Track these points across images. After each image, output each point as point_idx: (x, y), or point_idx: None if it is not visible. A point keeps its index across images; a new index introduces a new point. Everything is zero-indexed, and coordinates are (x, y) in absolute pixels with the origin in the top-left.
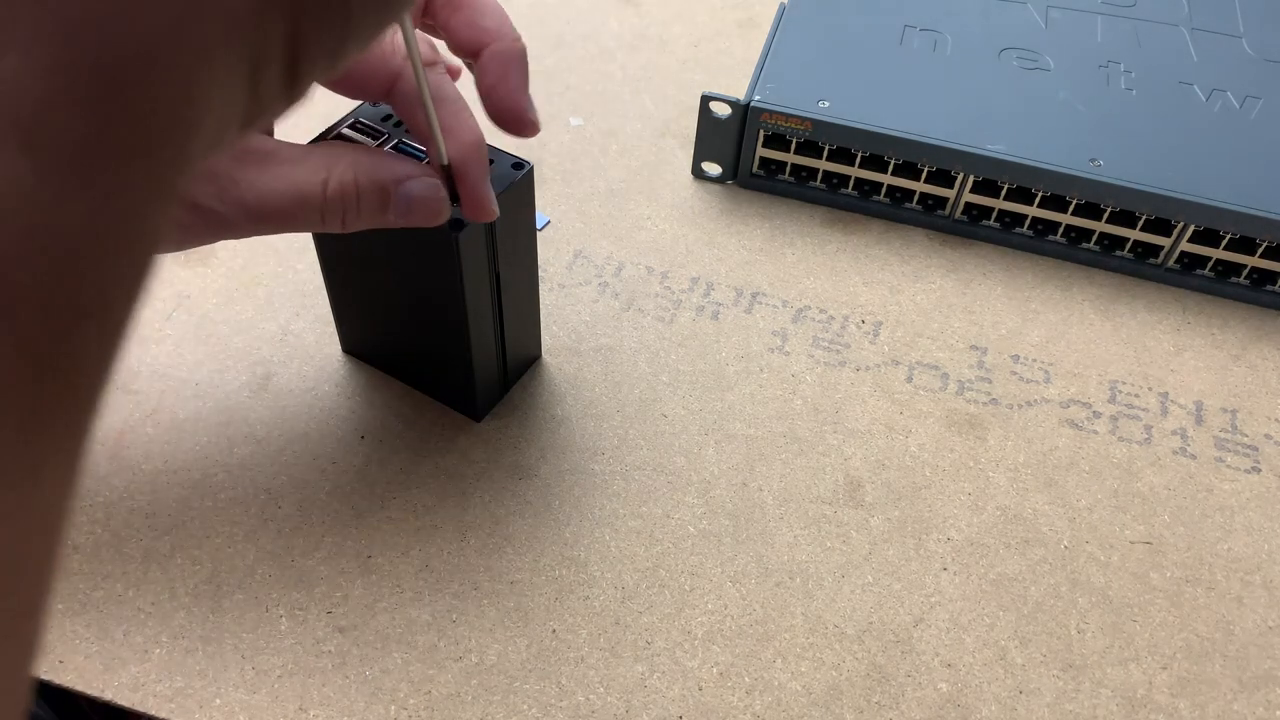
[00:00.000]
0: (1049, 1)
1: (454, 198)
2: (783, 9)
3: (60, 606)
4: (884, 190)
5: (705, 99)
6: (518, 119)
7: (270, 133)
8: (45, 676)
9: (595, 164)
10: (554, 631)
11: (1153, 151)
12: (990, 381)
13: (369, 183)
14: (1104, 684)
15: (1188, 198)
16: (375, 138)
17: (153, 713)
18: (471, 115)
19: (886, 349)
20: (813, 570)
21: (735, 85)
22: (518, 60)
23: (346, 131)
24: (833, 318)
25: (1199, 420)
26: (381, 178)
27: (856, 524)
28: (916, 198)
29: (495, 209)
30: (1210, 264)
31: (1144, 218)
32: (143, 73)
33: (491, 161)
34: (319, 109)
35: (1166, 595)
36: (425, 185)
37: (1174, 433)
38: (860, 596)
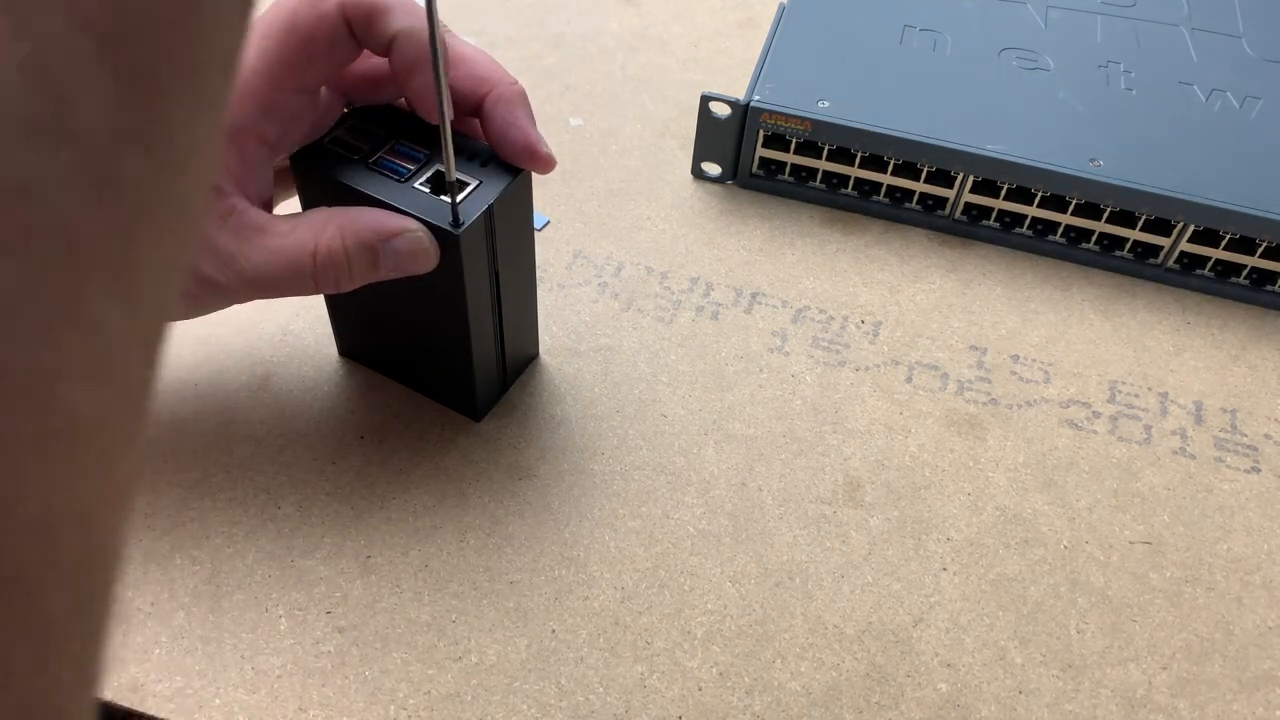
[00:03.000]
0: (1049, 1)
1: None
2: (783, 9)
3: None
4: (884, 190)
5: (705, 99)
6: (532, 154)
7: (269, 209)
8: None
9: (595, 164)
10: (554, 631)
11: (1153, 151)
12: (990, 381)
13: (357, 245)
14: (1104, 684)
15: (1188, 198)
16: (369, 141)
17: (152, 713)
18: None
19: (886, 349)
20: (812, 570)
21: (735, 85)
22: (521, 101)
23: (344, 134)
24: (832, 318)
25: (1199, 420)
26: (367, 239)
27: (856, 524)
28: (916, 198)
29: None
30: (1210, 264)
31: (1144, 218)
32: None
33: (489, 162)
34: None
35: (1166, 595)
36: (410, 240)
37: (1174, 433)
38: (860, 596)
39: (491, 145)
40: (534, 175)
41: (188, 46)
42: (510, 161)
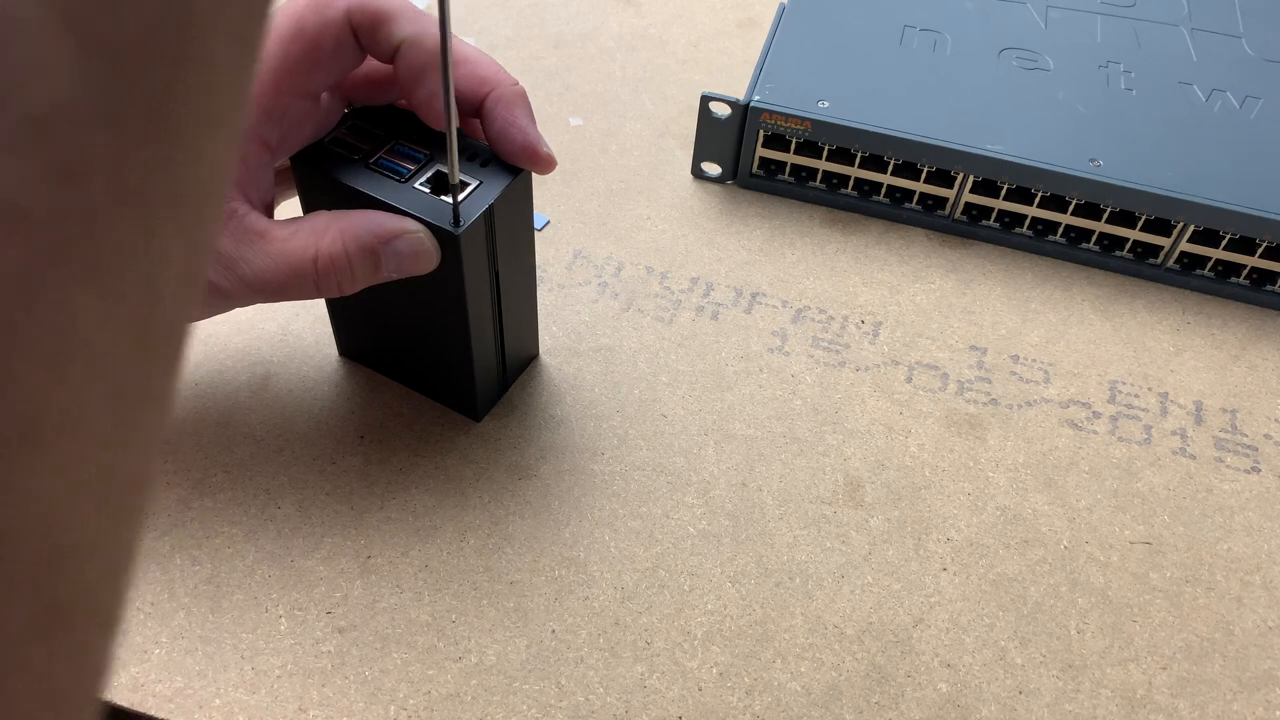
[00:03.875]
0: (1049, 1)
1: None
2: (783, 9)
3: None
4: (884, 190)
5: (705, 99)
6: (533, 155)
7: (270, 212)
8: None
9: (595, 164)
10: (554, 632)
11: (1153, 151)
12: (990, 381)
13: (358, 249)
14: (1104, 684)
15: (1188, 198)
16: (370, 141)
17: (152, 713)
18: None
19: (886, 349)
20: (812, 570)
21: (735, 85)
22: (522, 101)
23: (344, 134)
24: (832, 318)
25: (1199, 420)
26: (368, 242)
27: (856, 524)
28: (916, 198)
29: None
30: (1210, 264)
31: (1144, 218)
32: None
33: (489, 162)
34: None
35: (1166, 595)
36: (411, 241)
37: (1174, 433)
38: (860, 597)
39: (491, 145)
40: (534, 175)
41: (173, 17)
42: (511, 162)
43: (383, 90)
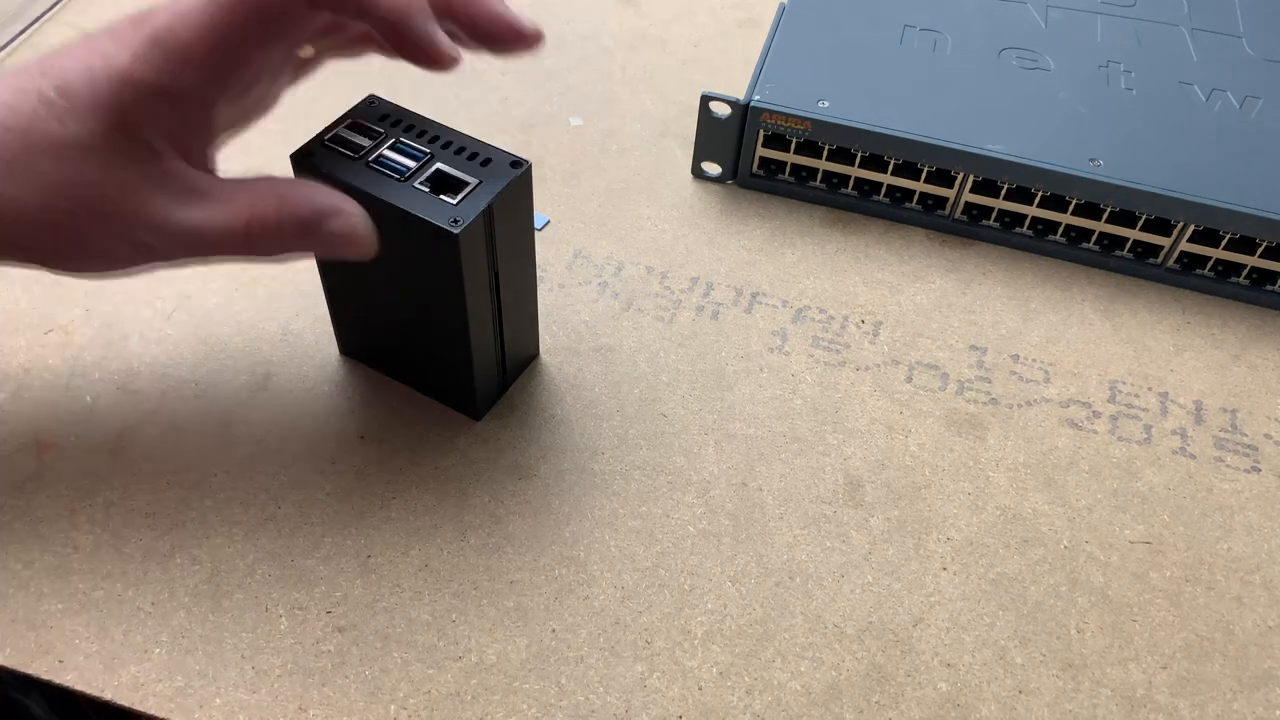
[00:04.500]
0: (1049, 1)
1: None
2: (783, 9)
3: (60, 606)
4: (884, 190)
5: (705, 99)
6: (514, 32)
7: (214, 170)
8: (45, 676)
9: (595, 164)
10: (554, 631)
11: (1153, 151)
12: (990, 381)
13: (290, 218)
14: (1104, 684)
15: (1188, 198)
16: (372, 138)
17: (153, 713)
18: None
19: (886, 349)
20: (812, 570)
21: (735, 85)
22: None
23: (343, 132)
24: (832, 318)
25: (1199, 420)
26: (301, 213)
27: (856, 524)
28: (916, 198)
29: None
30: (1210, 264)
31: (1144, 218)
32: None
33: (489, 161)
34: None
35: (1166, 595)
36: (344, 223)
37: (1174, 433)
38: (860, 596)
39: (474, 40)
40: (534, 175)
41: None
42: (497, 52)
43: (341, 33)
